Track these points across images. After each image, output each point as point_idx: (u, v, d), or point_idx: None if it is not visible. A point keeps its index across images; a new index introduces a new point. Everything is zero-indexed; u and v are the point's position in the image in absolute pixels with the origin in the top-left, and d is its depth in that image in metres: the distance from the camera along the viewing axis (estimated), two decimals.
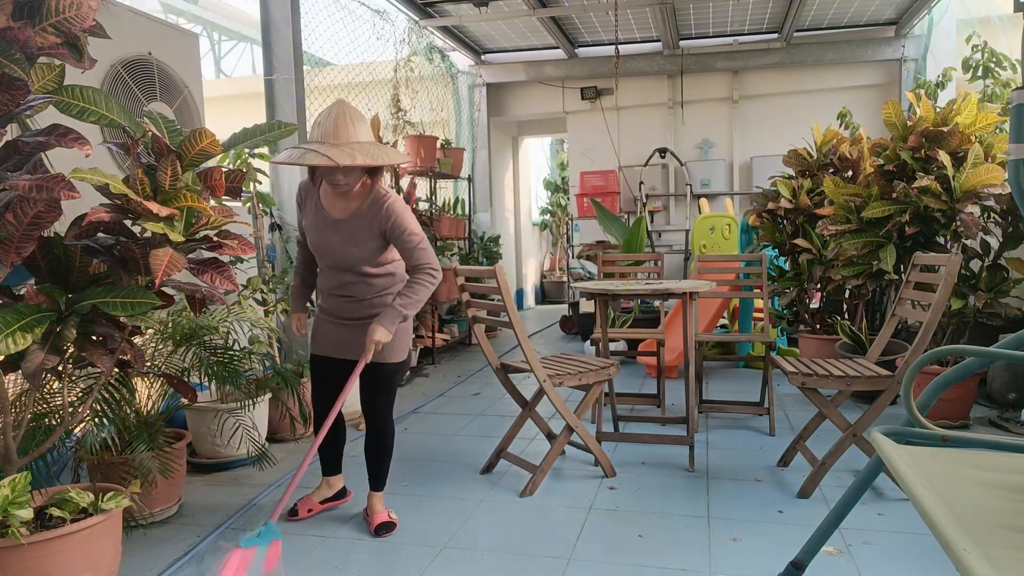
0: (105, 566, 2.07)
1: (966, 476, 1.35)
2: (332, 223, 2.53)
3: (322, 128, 2.37)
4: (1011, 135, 2.14)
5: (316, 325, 2.73)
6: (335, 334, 2.66)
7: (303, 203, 2.63)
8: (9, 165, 1.88)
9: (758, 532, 2.57)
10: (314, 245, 2.58)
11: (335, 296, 2.64)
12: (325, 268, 2.63)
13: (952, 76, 5.70)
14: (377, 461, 2.74)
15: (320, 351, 2.71)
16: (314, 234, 2.56)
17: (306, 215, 2.60)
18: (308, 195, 2.61)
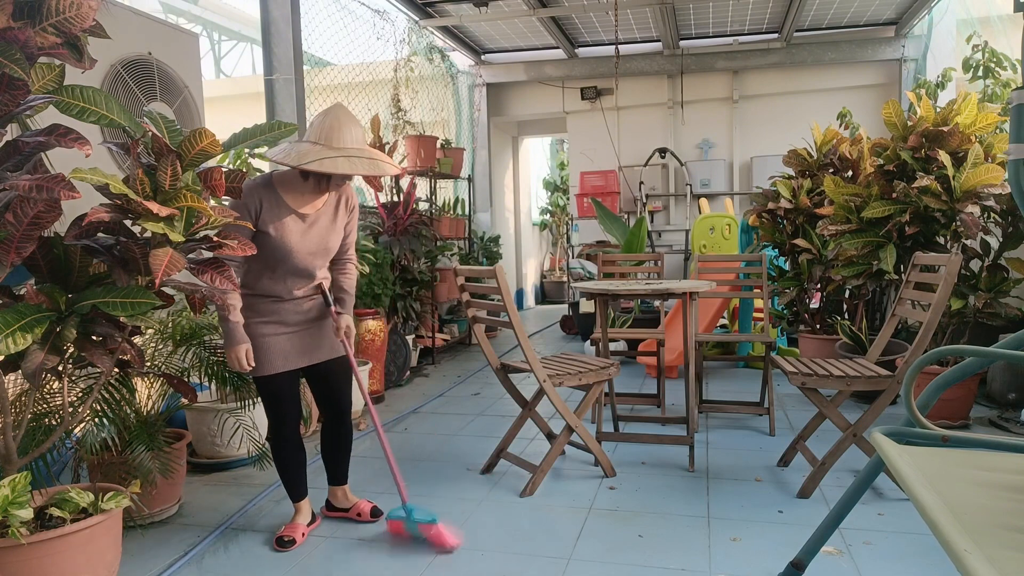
0: (105, 566, 2.07)
1: (966, 476, 1.35)
2: (305, 220, 2.47)
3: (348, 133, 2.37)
4: (1011, 135, 2.14)
5: (261, 343, 2.46)
6: (298, 343, 2.53)
7: (258, 207, 2.39)
8: (9, 165, 1.88)
9: (758, 532, 2.57)
10: (283, 247, 2.42)
11: (294, 301, 2.52)
12: (285, 273, 2.47)
13: (952, 76, 5.70)
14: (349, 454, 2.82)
15: (286, 367, 2.51)
16: (284, 235, 2.42)
17: (265, 219, 2.40)
18: (265, 196, 2.41)
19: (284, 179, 2.47)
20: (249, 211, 2.39)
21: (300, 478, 2.68)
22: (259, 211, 2.40)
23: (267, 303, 2.49)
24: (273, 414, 2.59)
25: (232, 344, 2.37)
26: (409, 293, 5.48)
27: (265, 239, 2.42)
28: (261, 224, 2.40)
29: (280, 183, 2.46)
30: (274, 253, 2.43)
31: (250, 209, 2.39)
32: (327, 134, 2.36)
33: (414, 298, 5.56)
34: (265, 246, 2.42)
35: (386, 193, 5.44)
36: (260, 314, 2.49)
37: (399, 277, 5.32)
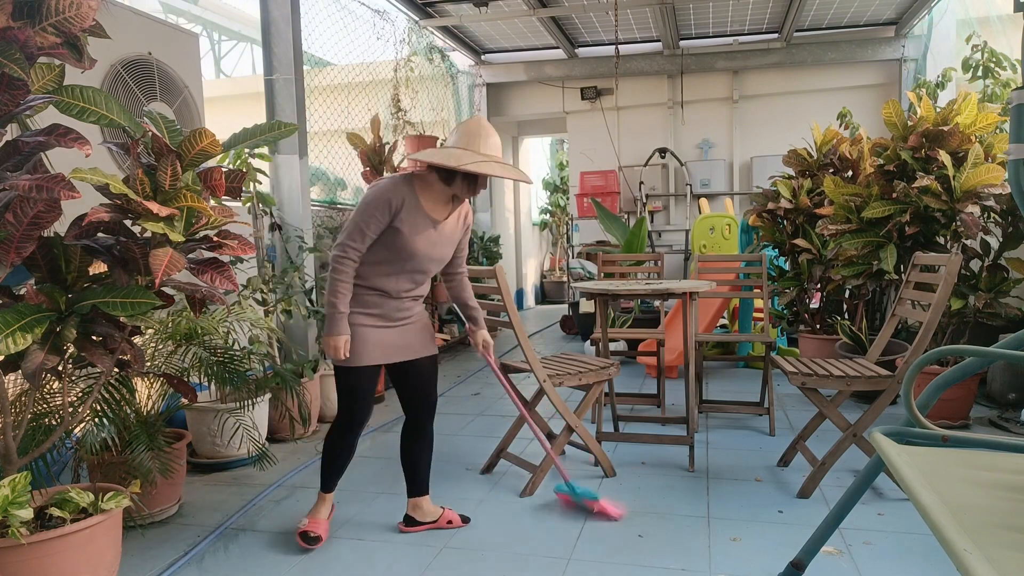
0: (105, 566, 2.07)
1: (966, 476, 1.35)
2: (435, 226, 2.48)
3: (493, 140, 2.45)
4: (1011, 135, 2.14)
5: (357, 333, 2.46)
6: (394, 339, 2.53)
7: (399, 207, 2.40)
8: (9, 165, 1.88)
9: (758, 532, 2.57)
10: (410, 248, 2.43)
11: (401, 299, 2.53)
12: (402, 272, 2.48)
13: (952, 76, 5.70)
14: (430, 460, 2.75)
15: (378, 359, 2.51)
16: (415, 237, 2.43)
17: (403, 217, 2.41)
18: (407, 195, 2.43)
19: (423, 182, 2.48)
20: (391, 205, 2.39)
21: (340, 473, 2.65)
22: (400, 208, 2.40)
23: (374, 296, 2.49)
24: (349, 411, 2.55)
25: (335, 332, 2.39)
26: None
27: (396, 237, 2.41)
28: (397, 221, 2.40)
29: (419, 186, 2.47)
30: (400, 252, 2.43)
31: (392, 204, 2.39)
32: (474, 141, 2.41)
33: None
34: (393, 243, 2.42)
35: None
36: (365, 306, 2.48)
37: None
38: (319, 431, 4.03)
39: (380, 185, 2.43)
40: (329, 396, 4.17)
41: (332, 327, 2.40)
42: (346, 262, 2.40)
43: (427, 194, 2.47)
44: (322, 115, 5.37)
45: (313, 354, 4.38)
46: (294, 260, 4.29)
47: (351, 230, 2.40)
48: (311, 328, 4.41)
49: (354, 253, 2.40)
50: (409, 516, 2.69)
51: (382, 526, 2.72)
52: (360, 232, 2.39)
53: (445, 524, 2.69)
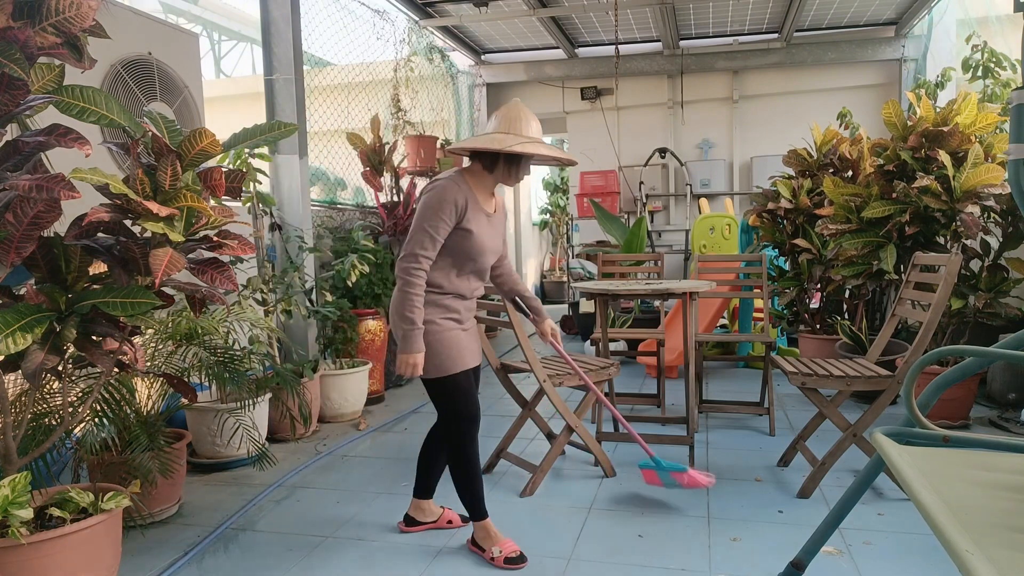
0: (105, 566, 2.07)
1: (966, 476, 1.35)
2: (490, 220, 2.41)
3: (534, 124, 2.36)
4: (1011, 135, 2.14)
5: (451, 338, 2.36)
6: (473, 342, 2.47)
7: (464, 203, 2.30)
8: (9, 165, 1.88)
9: (758, 532, 2.57)
10: (478, 245, 2.35)
11: (471, 300, 2.47)
12: (470, 272, 2.41)
13: (951, 76, 5.70)
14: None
15: (470, 363, 2.43)
16: (480, 233, 2.34)
17: (468, 216, 2.31)
18: (467, 193, 2.32)
19: (473, 175, 2.39)
20: (457, 206, 2.28)
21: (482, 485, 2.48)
22: (465, 207, 2.29)
23: (450, 300, 2.38)
24: (466, 416, 2.39)
25: (414, 349, 2.25)
26: None
27: (465, 237, 2.31)
28: (465, 221, 2.30)
29: (472, 181, 2.37)
30: (469, 252, 2.34)
31: (458, 205, 2.28)
32: (515, 124, 2.32)
33: None
34: (462, 244, 2.32)
35: (386, 193, 5.44)
36: (449, 311, 2.37)
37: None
38: (319, 431, 4.03)
39: (440, 187, 2.30)
40: (329, 396, 4.17)
41: (411, 344, 2.25)
42: (419, 273, 2.26)
43: (479, 187, 2.38)
44: (322, 115, 5.37)
45: (313, 354, 4.38)
46: (294, 260, 4.29)
47: (420, 238, 2.26)
48: (311, 328, 4.41)
49: (426, 262, 2.28)
50: (409, 516, 2.68)
51: (382, 526, 2.72)
52: (431, 239, 2.26)
53: (445, 524, 2.68)
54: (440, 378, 2.36)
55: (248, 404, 3.24)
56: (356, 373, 4.27)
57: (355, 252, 4.62)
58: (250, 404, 3.28)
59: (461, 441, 2.40)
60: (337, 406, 4.20)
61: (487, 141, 2.30)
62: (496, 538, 2.43)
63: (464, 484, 2.44)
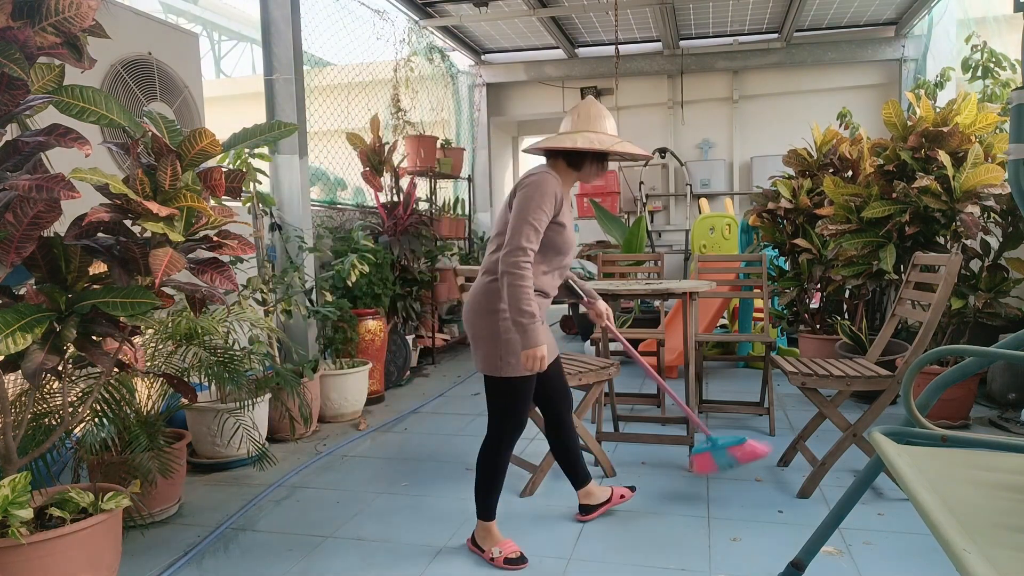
0: (105, 566, 2.07)
1: (966, 476, 1.35)
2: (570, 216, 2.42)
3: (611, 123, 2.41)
4: (1011, 135, 2.14)
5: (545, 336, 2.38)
6: (549, 338, 2.45)
7: (561, 197, 2.32)
8: (9, 165, 1.88)
9: (758, 532, 2.57)
10: (570, 242, 2.37)
11: (547, 298, 2.45)
12: (558, 268, 2.41)
13: (951, 76, 5.70)
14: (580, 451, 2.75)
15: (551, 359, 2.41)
16: (570, 232, 2.38)
17: (564, 210, 2.32)
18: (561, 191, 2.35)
19: (559, 173, 2.38)
20: (556, 198, 2.28)
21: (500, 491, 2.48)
22: (561, 201, 2.31)
23: (538, 298, 2.33)
24: (516, 419, 2.40)
25: (537, 342, 2.18)
26: (409, 293, 5.48)
27: (558, 232, 2.31)
28: (561, 215, 2.30)
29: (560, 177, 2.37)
30: (560, 247, 2.34)
31: (557, 196, 2.28)
32: (595, 122, 2.35)
33: (414, 298, 5.56)
34: (555, 239, 2.31)
35: (386, 193, 5.44)
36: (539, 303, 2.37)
37: (399, 277, 5.32)
38: (319, 431, 4.03)
39: (539, 180, 2.26)
40: (329, 396, 4.17)
41: (533, 338, 2.17)
42: (527, 265, 2.19)
43: (564, 184, 2.40)
44: (322, 115, 5.37)
45: (313, 354, 4.38)
46: (294, 260, 4.29)
47: (525, 230, 2.20)
48: (311, 328, 4.41)
49: (533, 255, 2.23)
50: (584, 505, 2.71)
51: (382, 526, 2.72)
52: (535, 231, 2.22)
53: (619, 499, 2.73)
54: (506, 379, 2.33)
55: (248, 404, 3.24)
56: (356, 373, 4.27)
57: (355, 252, 4.62)
58: (250, 404, 3.29)
59: (500, 443, 2.41)
60: (337, 406, 4.20)
61: (587, 141, 2.31)
62: (496, 539, 2.43)
63: (484, 482, 2.44)
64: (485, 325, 2.33)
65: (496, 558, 2.37)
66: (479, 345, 2.36)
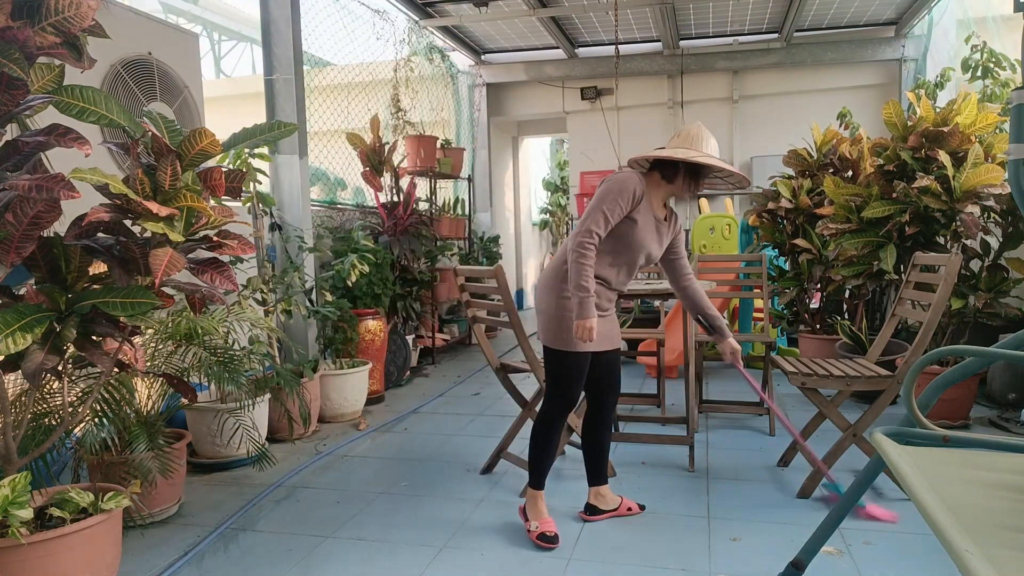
0: (105, 566, 2.07)
1: (966, 476, 1.35)
2: (656, 223, 2.58)
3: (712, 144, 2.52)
4: (1011, 135, 2.14)
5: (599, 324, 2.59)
6: (605, 327, 2.63)
7: (639, 195, 2.49)
8: (9, 165, 1.88)
9: (758, 532, 2.57)
10: (638, 239, 2.52)
11: (615, 290, 2.65)
12: (624, 263, 2.58)
13: (951, 76, 5.70)
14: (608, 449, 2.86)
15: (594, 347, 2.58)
16: (643, 233, 2.53)
17: (640, 209, 2.50)
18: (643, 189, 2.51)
19: (648, 180, 2.55)
20: (634, 195, 2.46)
21: (552, 461, 2.69)
22: (640, 199, 2.48)
23: (599, 285, 2.56)
24: (564, 393, 2.59)
25: (588, 315, 2.39)
26: (409, 293, 5.48)
27: (631, 228, 2.49)
28: (635, 212, 2.48)
29: (647, 183, 2.54)
30: (630, 243, 2.51)
31: (636, 193, 2.46)
32: (697, 143, 2.49)
33: (414, 298, 5.56)
34: (626, 234, 2.50)
35: (386, 193, 5.44)
36: (602, 295, 2.59)
37: (399, 277, 5.32)
38: (319, 431, 4.03)
39: (622, 177, 2.48)
40: (329, 396, 4.17)
41: (585, 310, 2.40)
42: (590, 247, 2.42)
43: (652, 192, 2.56)
44: (322, 115, 5.37)
45: (313, 354, 4.38)
46: (294, 260, 4.29)
47: (595, 216, 2.43)
48: (311, 328, 4.41)
49: (596, 238, 2.43)
50: (591, 505, 2.75)
51: (382, 526, 2.72)
52: (604, 218, 2.43)
53: (625, 511, 2.76)
54: (558, 351, 2.54)
55: (248, 404, 3.24)
56: (356, 373, 4.27)
57: (355, 252, 4.62)
58: (250, 404, 3.29)
59: (551, 416, 2.62)
60: (337, 406, 4.20)
61: (686, 154, 2.44)
62: (539, 512, 2.59)
63: (536, 451, 2.63)
64: (550, 300, 2.56)
65: (532, 531, 2.53)
66: (542, 318, 2.59)
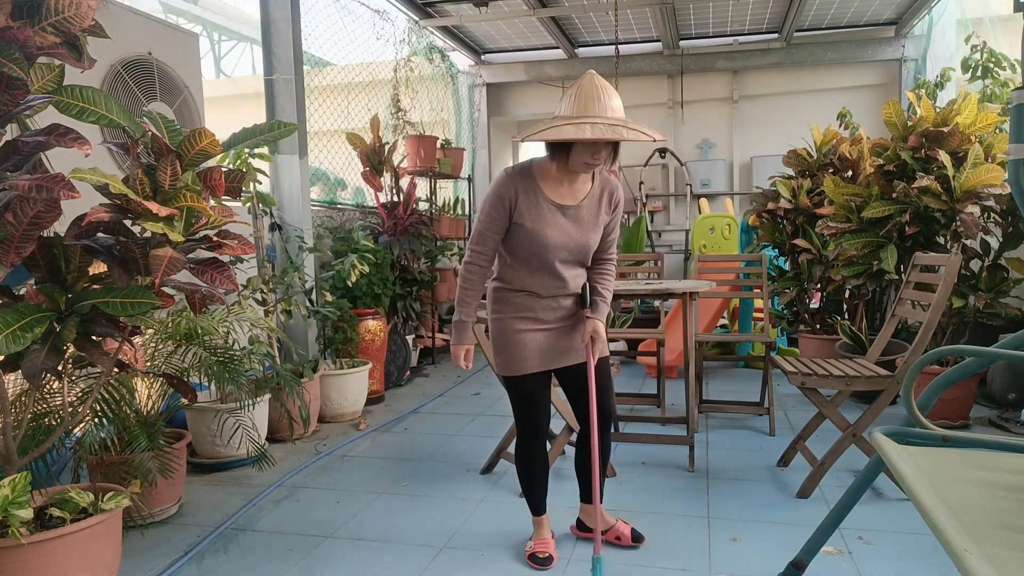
0: (105, 566, 2.07)
1: (966, 476, 1.35)
2: (564, 212, 2.24)
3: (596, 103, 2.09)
4: (1011, 135, 2.14)
5: (517, 340, 2.29)
6: (555, 342, 2.33)
7: (514, 197, 2.21)
8: (9, 165, 1.88)
9: (758, 532, 2.57)
10: (539, 240, 2.22)
11: (553, 297, 2.31)
12: (541, 268, 2.27)
13: (951, 76, 5.70)
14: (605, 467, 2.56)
15: (541, 366, 2.32)
16: (541, 228, 2.22)
17: (521, 210, 2.22)
18: (521, 186, 2.22)
19: (543, 168, 2.26)
20: (503, 203, 2.21)
21: (544, 491, 2.49)
22: (515, 202, 2.21)
23: (523, 298, 2.30)
24: (523, 420, 2.39)
25: (457, 342, 2.29)
26: (409, 293, 5.48)
27: (520, 232, 2.23)
28: (517, 216, 2.22)
29: (539, 172, 2.25)
30: (530, 247, 2.23)
31: (504, 201, 2.21)
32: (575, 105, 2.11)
33: (414, 298, 5.56)
34: (521, 239, 2.24)
35: (386, 193, 5.44)
36: (516, 309, 2.30)
37: (399, 277, 5.32)
38: (319, 431, 4.03)
39: (493, 181, 2.26)
40: (329, 396, 4.17)
41: (456, 336, 2.28)
42: (471, 267, 2.27)
43: (547, 179, 2.25)
44: (322, 115, 5.37)
45: (313, 354, 4.38)
46: (294, 260, 4.29)
47: (473, 234, 2.27)
48: (311, 328, 4.41)
49: (478, 257, 2.27)
50: (580, 520, 2.61)
51: (382, 526, 2.72)
52: (480, 235, 2.26)
53: (613, 538, 2.51)
54: (504, 376, 2.37)
55: (248, 404, 3.24)
56: (356, 373, 4.27)
57: (355, 252, 4.62)
58: (250, 404, 3.28)
59: (520, 443, 2.45)
60: (337, 406, 4.20)
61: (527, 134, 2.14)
62: (539, 533, 2.47)
63: (522, 481, 2.50)
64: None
65: (527, 549, 2.44)
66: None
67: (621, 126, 2.07)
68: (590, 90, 2.11)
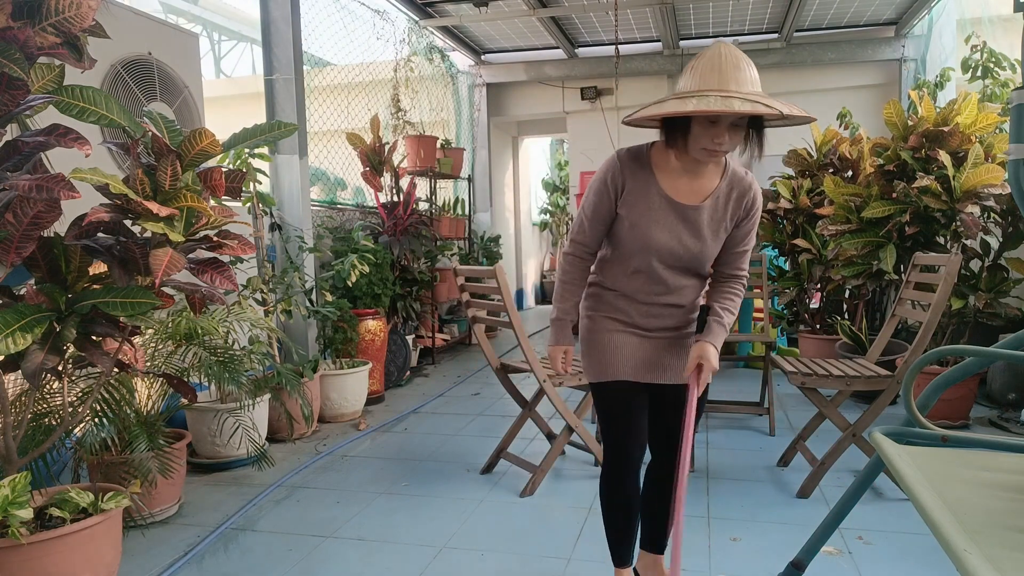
0: (105, 566, 2.07)
1: (966, 476, 1.35)
2: (679, 212, 1.85)
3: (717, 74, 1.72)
4: (1011, 135, 2.14)
5: (608, 340, 1.95)
6: (649, 354, 1.95)
7: (622, 184, 1.86)
8: (9, 165, 1.88)
9: (758, 532, 2.57)
10: (643, 240, 1.86)
11: (650, 304, 1.94)
12: (640, 271, 1.91)
13: (951, 76, 5.70)
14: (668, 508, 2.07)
15: (627, 375, 1.94)
16: (647, 225, 1.85)
17: (628, 200, 1.86)
18: (633, 172, 1.86)
19: (661, 154, 1.88)
20: (609, 188, 1.86)
21: (632, 537, 2.06)
22: (621, 189, 1.86)
23: (619, 299, 1.96)
24: (611, 440, 1.99)
25: (551, 342, 2.02)
26: (409, 293, 5.48)
27: (623, 226, 1.88)
28: (622, 205, 1.87)
29: (657, 158, 1.88)
30: (632, 245, 1.88)
31: (610, 186, 1.86)
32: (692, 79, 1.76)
33: (414, 298, 5.56)
34: (622, 235, 1.89)
35: (386, 193, 5.44)
36: (611, 311, 1.97)
37: (399, 277, 5.32)
38: (319, 431, 4.04)
39: (602, 164, 1.91)
40: (329, 396, 4.17)
41: (553, 335, 2.01)
42: (570, 259, 1.98)
43: (665, 169, 1.87)
44: (322, 115, 5.37)
45: (313, 354, 4.38)
46: (294, 260, 4.29)
47: (575, 220, 1.97)
48: (311, 328, 4.41)
49: (579, 249, 1.96)
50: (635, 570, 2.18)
51: (382, 526, 2.72)
52: (580, 223, 1.94)
53: None
54: (592, 385, 2.02)
55: (248, 404, 3.24)
56: (356, 373, 4.27)
57: (355, 252, 4.62)
58: (250, 404, 3.28)
59: (604, 472, 2.02)
60: (337, 406, 4.20)
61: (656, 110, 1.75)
62: None
63: (605, 518, 2.07)
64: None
65: None
66: None
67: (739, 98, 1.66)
68: (714, 60, 1.73)
